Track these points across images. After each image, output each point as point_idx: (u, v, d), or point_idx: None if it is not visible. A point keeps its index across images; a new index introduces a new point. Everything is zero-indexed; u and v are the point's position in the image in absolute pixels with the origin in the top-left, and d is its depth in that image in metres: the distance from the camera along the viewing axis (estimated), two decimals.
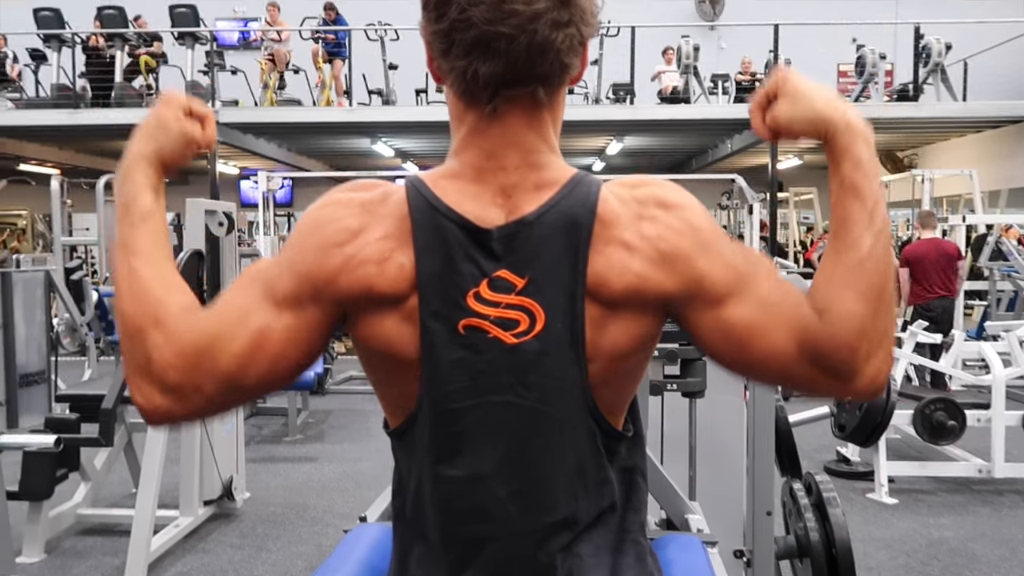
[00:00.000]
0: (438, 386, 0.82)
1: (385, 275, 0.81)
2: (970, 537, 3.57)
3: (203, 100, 4.11)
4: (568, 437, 0.83)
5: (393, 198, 0.84)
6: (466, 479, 0.83)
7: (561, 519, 0.84)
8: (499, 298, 0.80)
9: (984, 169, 10.02)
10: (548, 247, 0.81)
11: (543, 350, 0.80)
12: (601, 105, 10.47)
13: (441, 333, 0.81)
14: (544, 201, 0.82)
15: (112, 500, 3.96)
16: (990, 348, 4.38)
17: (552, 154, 0.85)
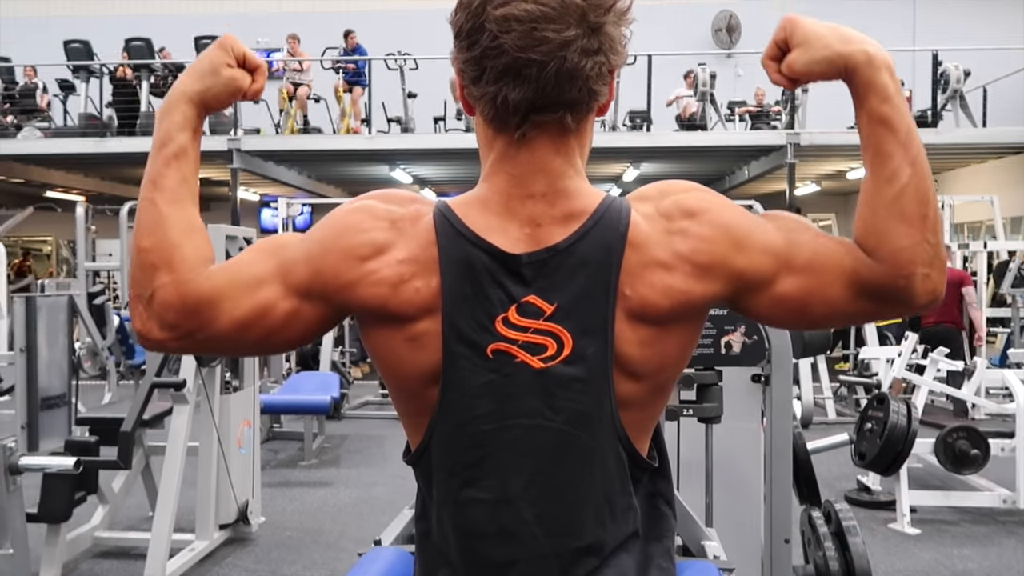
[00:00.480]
0: (465, 409, 0.83)
1: (398, 297, 0.83)
2: (995, 569, 3.49)
3: (226, 129, 4.18)
4: (596, 462, 0.84)
5: (423, 221, 0.85)
6: (492, 502, 0.84)
7: (587, 545, 0.85)
8: (528, 323, 0.82)
9: (1005, 195, 9.93)
10: (579, 275, 0.82)
11: (571, 375, 0.82)
12: (618, 132, 10.52)
13: (469, 357, 0.82)
14: (575, 229, 0.83)
15: (129, 523, 3.97)
16: (1014, 376, 4.31)
17: (579, 178, 0.86)
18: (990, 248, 7.24)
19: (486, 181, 0.87)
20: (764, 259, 0.83)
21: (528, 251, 0.83)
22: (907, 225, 0.81)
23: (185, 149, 0.89)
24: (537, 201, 0.84)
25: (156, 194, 0.87)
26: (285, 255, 0.86)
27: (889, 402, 3.87)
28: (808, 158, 10.40)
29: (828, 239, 0.85)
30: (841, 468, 4.82)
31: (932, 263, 0.81)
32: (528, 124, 0.83)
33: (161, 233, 0.85)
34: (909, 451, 3.80)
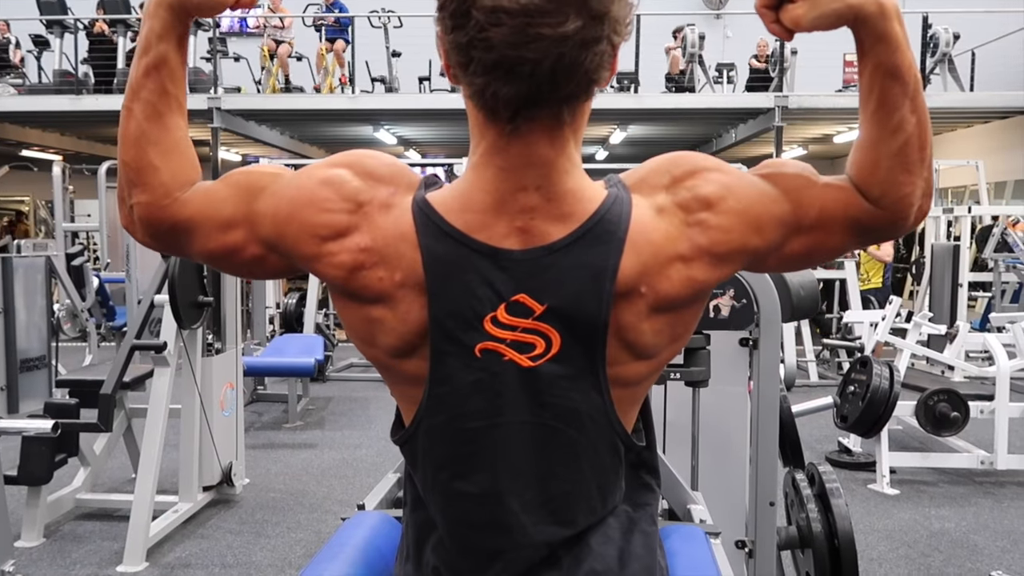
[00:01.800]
0: (454, 407, 0.83)
1: (356, 281, 0.82)
2: (972, 528, 3.56)
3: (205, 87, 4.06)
4: (585, 455, 0.84)
5: (396, 211, 0.81)
6: (481, 496, 0.84)
7: (577, 533, 0.86)
8: (516, 322, 0.80)
9: (990, 160, 9.95)
10: (573, 277, 0.80)
11: (558, 373, 0.81)
12: (605, 94, 10.40)
13: (457, 355, 0.81)
14: (572, 229, 0.80)
15: (111, 485, 3.96)
16: (995, 340, 4.35)
17: (576, 171, 0.82)
18: (974, 213, 7.26)
19: (474, 171, 0.82)
20: (777, 233, 0.84)
21: (520, 248, 0.80)
22: (910, 174, 0.81)
23: (165, 59, 0.84)
24: (531, 194, 0.80)
25: (136, 105, 0.84)
26: (258, 205, 0.84)
27: (872, 365, 3.90)
28: (795, 121, 10.35)
29: (829, 188, 0.84)
30: (823, 430, 4.88)
31: (926, 193, 0.84)
32: (520, 119, 0.77)
33: (140, 150, 0.84)
34: (890, 413, 3.84)
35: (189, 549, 3.26)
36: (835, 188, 0.84)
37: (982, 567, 3.10)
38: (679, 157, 0.85)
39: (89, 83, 10.35)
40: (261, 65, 10.44)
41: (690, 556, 1.11)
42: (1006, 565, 3.13)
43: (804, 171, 0.85)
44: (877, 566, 3.15)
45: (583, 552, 0.86)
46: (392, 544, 1.12)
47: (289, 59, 10.36)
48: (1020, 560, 3.23)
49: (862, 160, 0.82)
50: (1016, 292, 7.38)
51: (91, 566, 3.08)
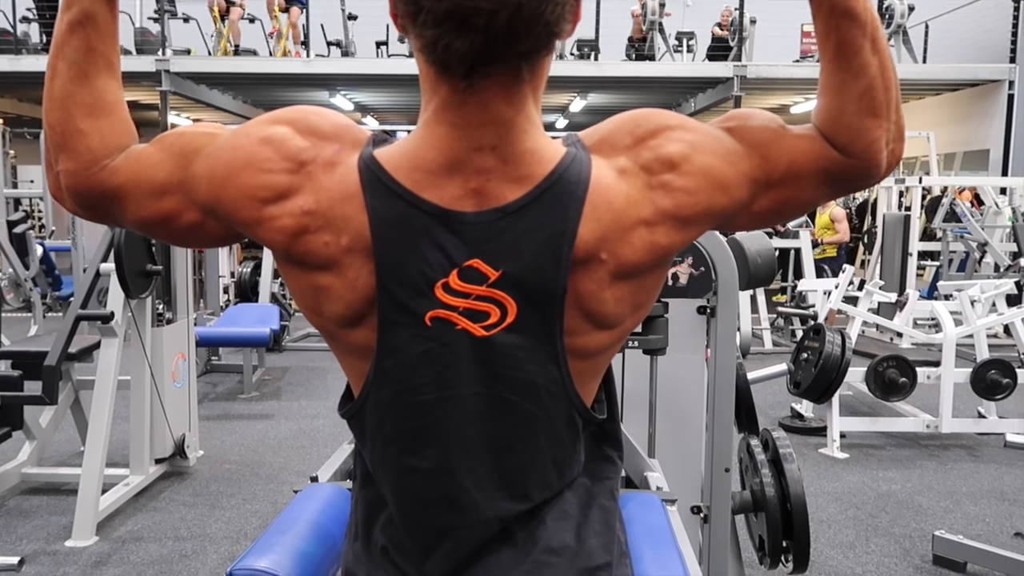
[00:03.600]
0: (403, 379, 0.78)
1: (300, 246, 0.77)
2: (916, 490, 3.67)
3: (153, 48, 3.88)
4: (541, 429, 0.80)
5: (341, 170, 0.76)
6: (432, 471, 0.80)
7: (534, 507, 0.83)
8: (469, 289, 0.75)
9: (941, 132, 10.16)
10: (529, 240, 0.75)
11: (514, 343, 0.76)
12: (565, 61, 10.32)
13: (406, 325, 0.76)
14: (528, 190, 0.75)
15: (59, 459, 3.86)
16: (942, 307, 4.46)
17: (535, 130, 0.77)
18: (925, 184, 7.41)
19: (426, 128, 0.76)
20: (745, 191, 0.79)
21: (474, 210, 0.75)
22: (876, 117, 0.78)
23: (90, 14, 0.78)
24: (486, 155, 0.75)
25: (60, 63, 0.79)
26: (193, 169, 0.78)
27: (825, 333, 3.97)
28: (754, 91, 10.41)
29: (797, 140, 0.80)
30: (776, 396, 4.97)
31: (897, 137, 0.81)
32: (476, 75, 0.72)
33: (65, 112, 0.78)
34: (842, 380, 3.92)
35: (141, 522, 3.20)
36: (803, 139, 0.80)
37: (926, 527, 3.21)
38: (641, 116, 0.80)
39: (29, 42, 9.91)
40: (213, 27, 10.10)
41: (646, 523, 1.11)
42: (948, 524, 3.24)
43: (771, 123, 0.81)
44: (827, 527, 3.23)
45: (538, 528, 0.82)
46: (343, 517, 1.09)
47: (241, 21, 10.05)
48: (962, 519, 3.35)
49: (827, 107, 0.80)
50: (963, 261, 7.59)
51: (38, 541, 3.01)
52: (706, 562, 1.85)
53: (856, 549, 3.04)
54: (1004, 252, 6.65)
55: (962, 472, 3.92)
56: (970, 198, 8.49)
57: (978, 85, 10.11)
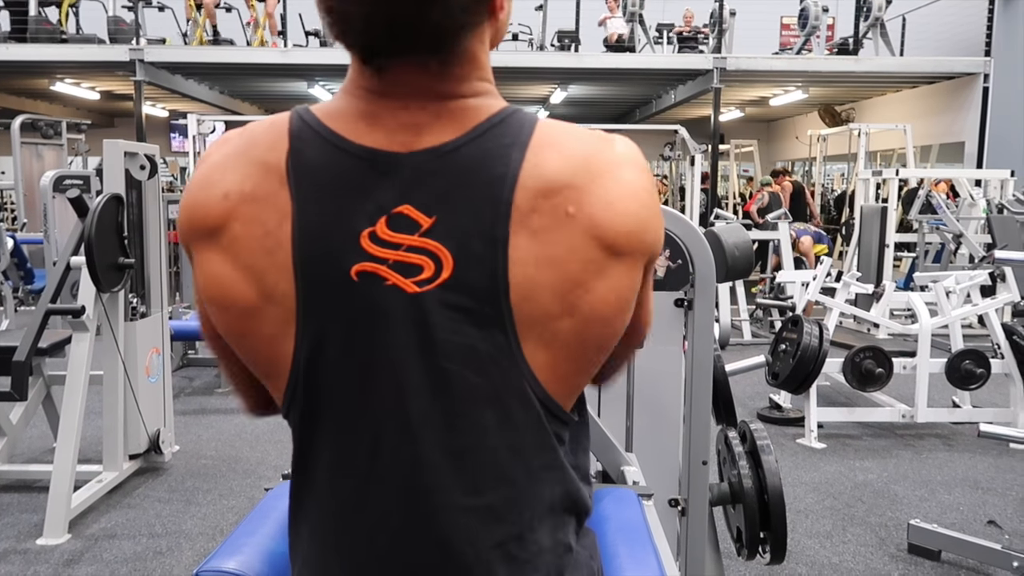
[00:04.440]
0: (329, 344, 0.69)
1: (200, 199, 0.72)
2: (892, 479, 3.71)
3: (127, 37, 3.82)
4: (490, 405, 0.70)
5: (258, 123, 0.73)
6: (369, 448, 0.70)
7: (486, 504, 0.71)
8: (399, 239, 0.67)
9: (918, 124, 10.25)
10: (466, 183, 0.67)
11: (451, 302, 0.67)
12: (546, 52, 10.29)
13: (328, 282, 0.68)
14: (465, 131, 0.69)
15: (31, 456, 3.80)
16: (918, 298, 4.50)
17: (470, 88, 0.71)
18: (901, 176, 7.47)
19: (347, 92, 0.72)
20: None
21: (404, 151, 0.68)
22: None
23: None
24: (415, 112, 0.69)
25: None
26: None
27: (803, 324, 3.99)
28: (733, 83, 10.44)
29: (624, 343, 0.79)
30: (755, 387, 5.01)
31: None
32: (377, 61, 0.69)
33: None
34: (820, 370, 3.96)
35: (115, 519, 3.15)
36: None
37: (902, 515, 3.24)
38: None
39: (0, 31, 9.71)
40: (188, 16, 9.95)
41: (622, 519, 1.10)
42: (923, 513, 3.27)
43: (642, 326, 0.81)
44: (804, 517, 3.26)
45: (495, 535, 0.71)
46: None
47: (217, 10, 9.91)
48: (936, 508, 3.38)
49: None
50: (939, 252, 7.67)
51: (9, 539, 2.96)
52: (683, 554, 1.85)
53: (833, 539, 3.07)
54: (979, 244, 6.73)
55: (937, 461, 3.96)
56: (946, 190, 8.58)
57: (954, 78, 10.21)
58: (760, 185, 9.83)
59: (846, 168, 11.83)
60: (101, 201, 3.14)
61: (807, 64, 10.05)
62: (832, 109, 13.16)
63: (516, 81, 10.75)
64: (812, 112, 13.56)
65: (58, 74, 10.89)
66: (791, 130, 14.61)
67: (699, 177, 8.37)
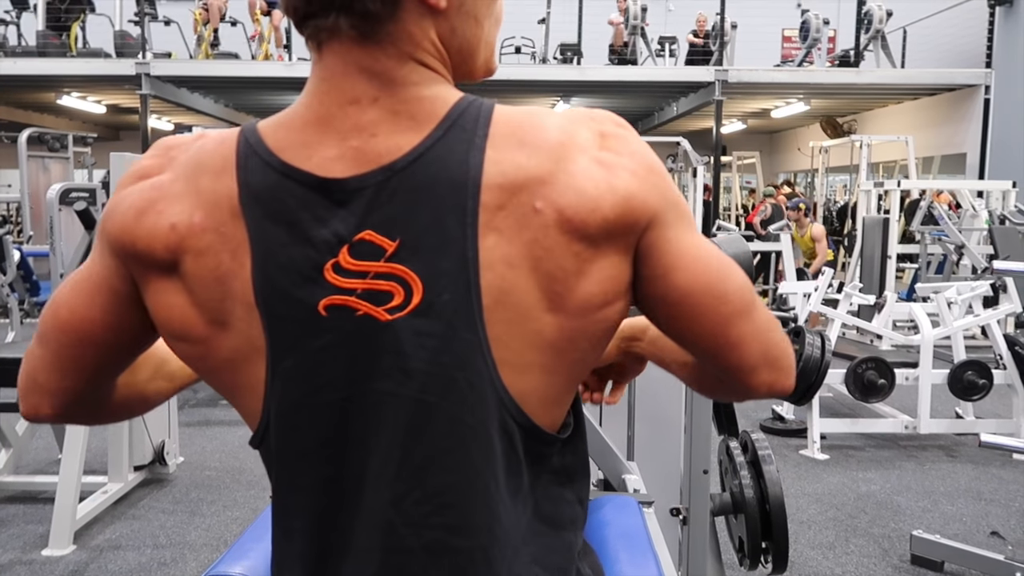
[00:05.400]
0: (303, 380, 0.67)
1: (141, 227, 0.67)
2: (895, 490, 3.71)
3: (133, 51, 3.89)
4: (470, 437, 0.66)
5: (203, 143, 0.69)
6: (352, 486, 0.68)
7: (478, 545, 0.68)
8: (365, 266, 0.64)
9: (919, 136, 10.29)
10: (425, 197, 0.64)
11: (423, 329, 0.64)
12: (548, 65, 10.36)
13: (297, 320, 0.65)
14: (418, 141, 0.64)
15: (36, 467, 3.82)
16: (920, 309, 4.51)
17: (418, 75, 0.67)
18: (903, 187, 7.50)
19: (303, 94, 0.69)
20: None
21: (356, 173, 0.64)
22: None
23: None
24: (365, 107, 0.65)
25: None
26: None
27: (805, 335, 4.00)
28: (735, 95, 10.50)
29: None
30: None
31: None
32: (308, 29, 0.67)
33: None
34: (822, 381, 3.94)
35: (120, 531, 3.16)
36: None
37: (904, 527, 3.24)
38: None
39: (7, 45, 9.81)
40: (194, 30, 10.05)
41: (621, 526, 1.11)
42: (926, 524, 3.27)
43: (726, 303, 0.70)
44: (807, 528, 3.26)
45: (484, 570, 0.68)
46: None
47: (222, 23, 10.00)
48: (939, 519, 3.38)
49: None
50: (941, 263, 7.67)
51: (15, 550, 2.97)
52: (685, 563, 1.86)
53: (836, 549, 3.07)
54: (981, 255, 6.74)
55: (940, 472, 3.96)
56: (948, 201, 8.60)
57: (955, 90, 10.25)
58: (762, 196, 9.86)
59: (848, 180, 11.85)
60: None
61: (808, 76, 10.11)
62: (834, 121, 13.21)
63: (518, 94, 10.81)
64: (814, 124, 13.61)
65: (65, 88, 11.00)
66: (793, 142, 14.66)
67: (701, 189, 8.40)
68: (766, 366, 0.71)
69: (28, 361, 0.75)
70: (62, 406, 0.76)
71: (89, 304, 0.72)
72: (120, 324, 0.72)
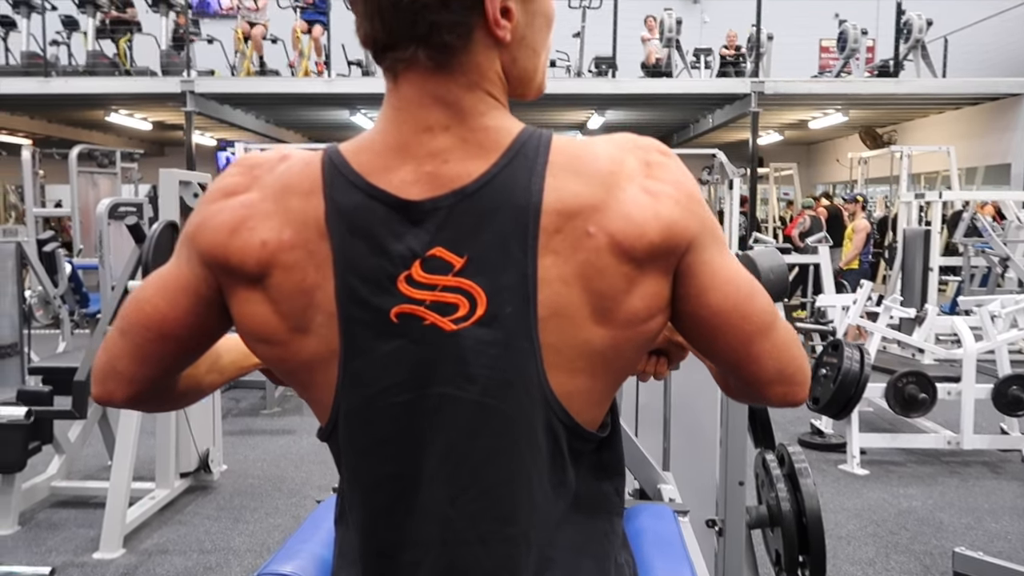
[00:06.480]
0: (372, 382, 0.73)
1: (235, 245, 0.73)
2: (938, 507, 3.65)
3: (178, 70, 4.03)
4: (522, 436, 0.73)
5: (285, 165, 0.76)
6: (411, 478, 0.74)
7: (521, 531, 0.74)
8: (434, 280, 0.71)
9: (962, 146, 10.11)
10: (491, 221, 0.70)
11: (486, 338, 0.71)
12: (583, 78, 10.41)
13: (371, 324, 0.72)
14: (485, 168, 0.72)
15: (87, 472, 3.94)
16: (962, 322, 4.44)
17: (494, 111, 0.74)
18: (945, 198, 7.37)
19: (380, 117, 0.77)
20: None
21: (431, 196, 0.71)
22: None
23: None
24: (438, 135, 0.72)
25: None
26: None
27: (843, 348, 3.96)
28: (772, 107, 10.43)
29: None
30: (795, 412, 4.96)
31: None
32: (387, 61, 0.74)
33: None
34: (861, 395, 3.91)
35: (167, 535, 3.26)
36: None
37: (946, 544, 3.19)
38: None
39: (58, 65, 10.16)
40: (235, 49, 10.30)
41: (657, 533, 1.14)
42: (969, 541, 3.22)
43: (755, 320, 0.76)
44: (846, 544, 3.22)
45: (530, 561, 0.75)
46: None
47: (264, 41, 10.24)
48: (983, 536, 3.32)
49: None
50: (985, 276, 7.52)
51: (67, 553, 3.08)
52: (721, 575, 1.87)
53: (876, 566, 3.03)
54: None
55: (984, 489, 3.89)
56: (992, 212, 8.43)
57: (998, 99, 10.06)
58: (801, 208, 9.76)
59: (888, 191, 11.67)
60: (158, 228, 3.29)
61: (846, 87, 10.00)
62: (873, 131, 13.03)
63: (554, 107, 10.88)
64: (853, 134, 13.44)
65: (113, 105, 11.34)
66: (832, 152, 14.48)
67: (738, 201, 8.36)
68: (781, 380, 0.79)
69: (108, 349, 0.82)
70: (136, 393, 0.82)
71: (173, 304, 0.78)
72: (200, 324, 0.79)
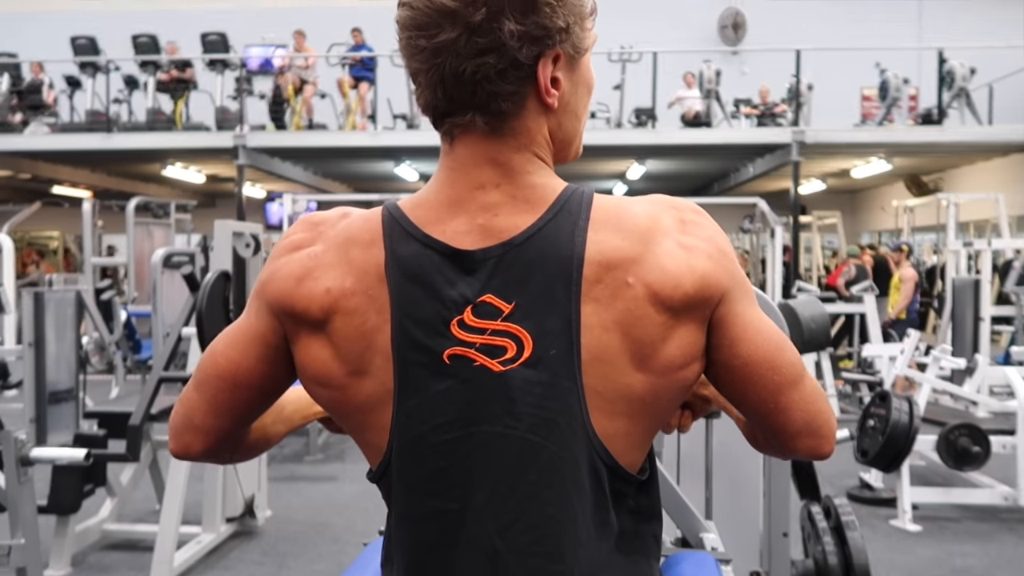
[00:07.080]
0: (425, 419, 0.78)
1: (300, 291, 0.80)
2: (995, 565, 3.51)
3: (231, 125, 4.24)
4: (567, 473, 0.77)
5: (351, 219, 0.82)
6: (458, 513, 0.78)
7: (567, 568, 0.77)
8: (484, 324, 0.76)
9: (1011, 193, 9.92)
10: (538, 271, 0.76)
11: (532, 378, 0.76)
12: (623, 129, 10.54)
13: (425, 364, 0.77)
14: (532, 222, 0.78)
15: (137, 516, 4.02)
16: (1015, 373, 4.32)
17: (540, 171, 0.81)
18: (995, 247, 7.23)
19: (435, 175, 0.84)
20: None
21: (482, 247, 0.77)
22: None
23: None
24: (489, 191, 0.79)
25: None
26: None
27: (891, 399, 3.89)
28: (813, 156, 10.41)
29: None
30: (843, 465, 4.83)
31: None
32: (444, 125, 0.81)
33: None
34: (910, 448, 3.82)
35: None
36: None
37: None
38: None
39: (119, 121, 10.66)
40: (284, 97, 10.67)
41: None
42: None
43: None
44: None
45: None
46: None
47: (314, 97, 10.62)
48: None
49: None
50: None
51: None
52: None
53: None
54: None
55: None
56: None
57: None
58: (846, 256, 9.65)
59: (936, 239, 11.48)
60: (211, 277, 3.42)
61: (889, 135, 9.95)
62: (918, 179, 12.87)
63: (595, 158, 11.01)
64: (898, 182, 13.30)
65: (169, 159, 11.83)
66: (876, 200, 14.32)
67: (780, 250, 8.30)
68: (808, 432, 0.82)
69: (184, 404, 0.87)
70: (213, 444, 0.87)
71: (245, 354, 0.84)
72: (270, 372, 0.85)
